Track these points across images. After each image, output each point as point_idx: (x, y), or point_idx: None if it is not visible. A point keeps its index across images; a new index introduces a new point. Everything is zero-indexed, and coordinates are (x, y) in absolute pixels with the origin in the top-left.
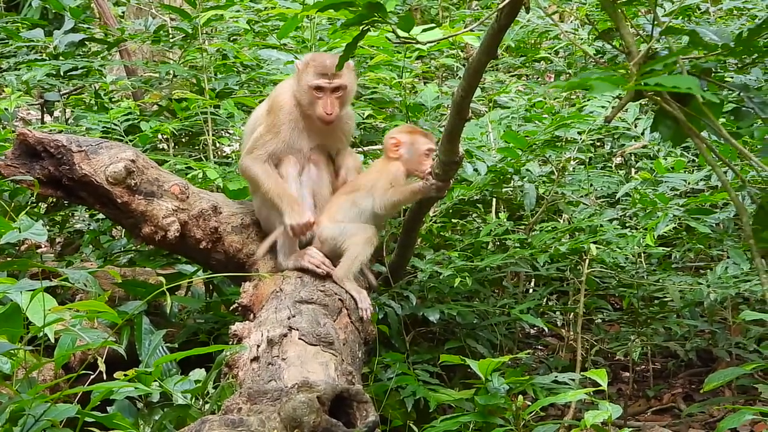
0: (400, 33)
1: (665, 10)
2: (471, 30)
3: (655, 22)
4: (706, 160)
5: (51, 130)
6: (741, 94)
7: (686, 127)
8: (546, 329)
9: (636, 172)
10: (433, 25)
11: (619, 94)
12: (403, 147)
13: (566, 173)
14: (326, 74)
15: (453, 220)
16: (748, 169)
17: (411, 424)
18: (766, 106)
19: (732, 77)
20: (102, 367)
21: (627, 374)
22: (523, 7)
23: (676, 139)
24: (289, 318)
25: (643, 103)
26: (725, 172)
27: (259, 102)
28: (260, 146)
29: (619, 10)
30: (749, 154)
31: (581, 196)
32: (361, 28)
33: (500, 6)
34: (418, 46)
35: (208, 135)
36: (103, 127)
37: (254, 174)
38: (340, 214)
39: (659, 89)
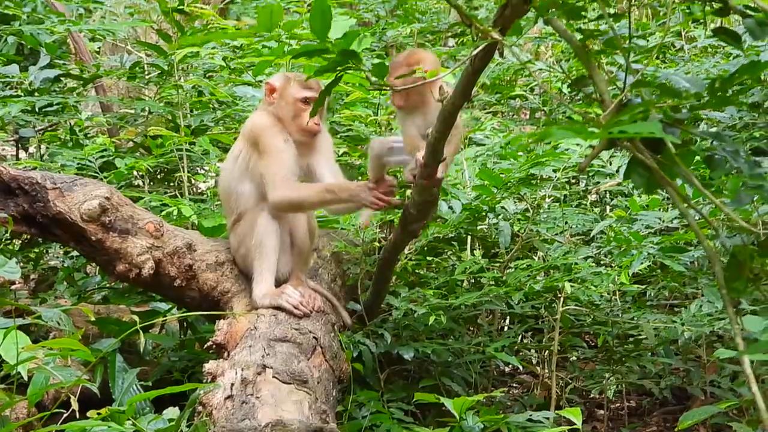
0: (374, 79)
1: (646, 44)
2: (446, 67)
3: (629, 70)
4: (680, 208)
5: (26, 167)
6: (713, 142)
7: (659, 176)
8: (521, 367)
9: (611, 210)
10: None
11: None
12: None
13: (541, 211)
14: (311, 87)
15: (428, 258)
16: (718, 211)
17: None
18: (739, 154)
19: (706, 115)
20: (75, 405)
21: (602, 412)
22: (497, 50)
23: (649, 187)
24: (263, 356)
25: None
26: (698, 220)
27: (236, 139)
28: (279, 173)
29: (593, 58)
30: (721, 205)
31: (556, 234)
32: (335, 74)
33: (473, 53)
34: (394, 89)
35: (184, 172)
36: (78, 164)
37: (297, 197)
38: None
39: (622, 136)
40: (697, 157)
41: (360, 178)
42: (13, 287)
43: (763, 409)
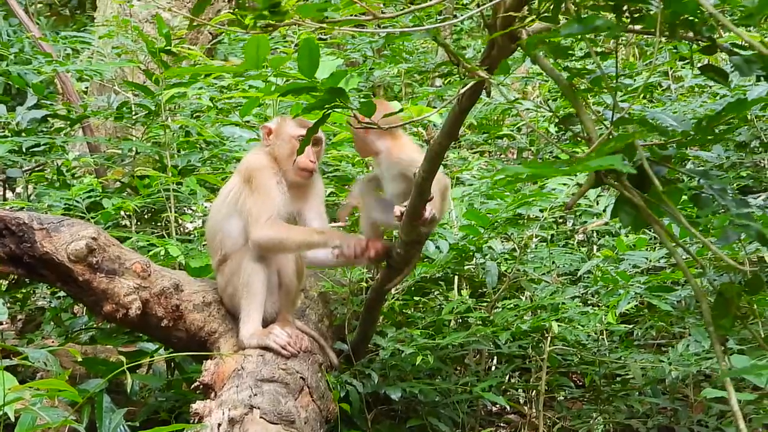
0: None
1: (633, 83)
2: (433, 107)
3: (615, 109)
4: (667, 246)
5: (12, 207)
6: (700, 180)
7: (646, 215)
8: (508, 407)
9: (598, 250)
10: (396, 102)
11: (582, 176)
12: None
13: (528, 251)
14: (307, 125)
15: (415, 298)
16: (706, 250)
17: None
18: (726, 192)
19: (693, 155)
20: None
21: None
22: (483, 90)
23: (637, 225)
24: (250, 397)
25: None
26: (685, 258)
27: (223, 179)
28: (265, 211)
29: (580, 97)
30: (708, 243)
31: (543, 274)
32: (322, 112)
33: (460, 92)
34: (381, 128)
35: (171, 212)
36: (65, 204)
37: (280, 237)
38: None
39: (591, 169)
40: (685, 196)
41: (346, 218)
42: (0, 328)
43: None
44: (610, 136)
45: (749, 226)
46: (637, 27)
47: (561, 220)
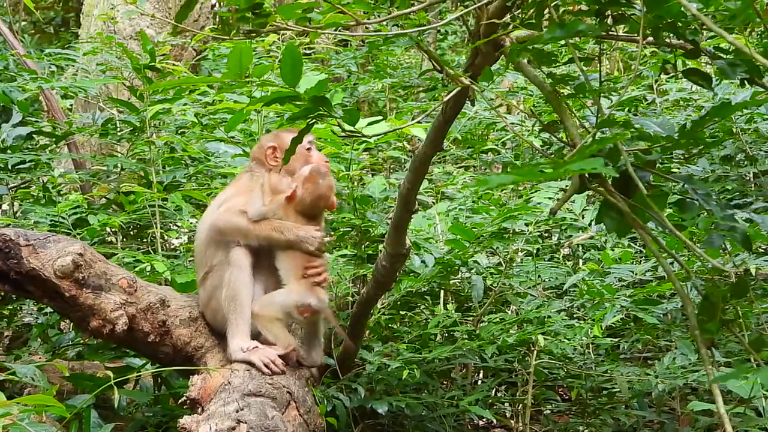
0: (346, 126)
1: (611, 101)
2: (417, 122)
3: (599, 115)
4: (652, 251)
5: None
6: (685, 185)
7: (631, 219)
8: (494, 421)
9: (583, 263)
10: (380, 117)
11: (566, 186)
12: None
13: (514, 265)
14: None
15: (401, 312)
16: (694, 260)
17: None
18: (710, 197)
19: (678, 168)
20: None
21: None
22: (468, 99)
23: (621, 230)
24: (237, 411)
25: (590, 194)
26: (671, 263)
27: (209, 195)
28: (234, 205)
29: (564, 103)
30: (694, 246)
31: (529, 288)
32: (307, 122)
33: (445, 99)
34: (365, 138)
35: (156, 228)
36: (51, 221)
37: (244, 226)
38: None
39: (574, 172)
40: (669, 210)
41: (332, 233)
42: None
43: None
44: (594, 139)
45: (735, 228)
46: (621, 33)
47: (546, 234)
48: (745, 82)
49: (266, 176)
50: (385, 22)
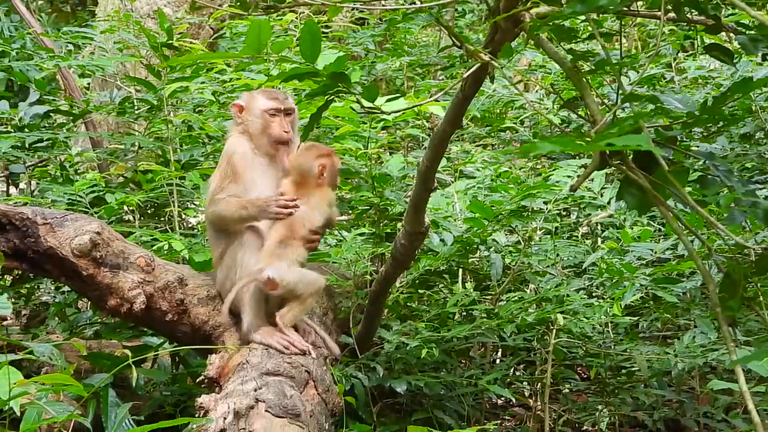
0: (365, 103)
1: (630, 80)
2: (436, 100)
3: (620, 91)
4: (673, 228)
5: (16, 203)
6: (707, 162)
7: (652, 196)
8: (513, 399)
9: (602, 242)
10: (398, 95)
11: (585, 164)
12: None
13: (532, 243)
14: (277, 98)
15: (419, 291)
16: (715, 238)
17: None
18: (732, 174)
19: (698, 146)
20: None
21: None
22: (487, 76)
23: (642, 207)
24: (255, 390)
25: (609, 172)
26: (692, 241)
27: None
28: (219, 193)
29: (584, 79)
30: (715, 222)
31: (548, 266)
32: (325, 98)
33: (465, 76)
34: (383, 116)
35: (174, 206)
36: (69, 200)
37: (219, 213)
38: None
39: (610, 149)
40: (689, 188)
41: (350, 212)
42: (4, 323)
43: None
44: (616, 116)
45: (757, 204)
46: (642, 9)
47: (565, 213)
48: (766, 58)
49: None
50: None
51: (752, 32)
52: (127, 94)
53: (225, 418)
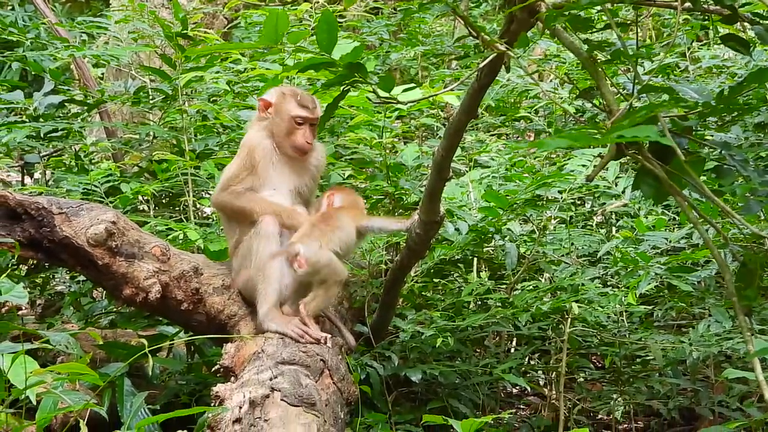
0: (381, 93)
1: (645, 69)
2: (451, 90)
3: (636, 80)
4: (688, 217)
5: (31, 192)
6: (722, 151)
7: (668, 185)
8: (528, 388)
9: (617, 231)
10: (413, 84)
11: (600, 153)
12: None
13: (547, 232)
14: (308, 106)
15: (434, 280)
16: (730, 227)
17: None
18: (747, 163)
19: (712, 135)
20: (84, 429)
21: None
22: (503, 66)
23: (658, 197)
24: (271, 379)
25: (624, 161)
26: (707, 230)
27: None
28: (236, 183)
29: (600, 69)
30: (731, 211)
31: (562, 255)
32: (341, 88)
33: (480, 65)
34: (398, 105)
35: (189, 196)
36: (84, 189)
37: (238, 205)
38: (333, 243)
39: (621, 140)
40: (704, 177)
41: (365, 201)
42: (20, 312)
43: None
44: (632, 107)
45: None
46: None
47: (579, 202)
48: None
49: None
50: None
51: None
52: (141, 83)
53: (241, 407)
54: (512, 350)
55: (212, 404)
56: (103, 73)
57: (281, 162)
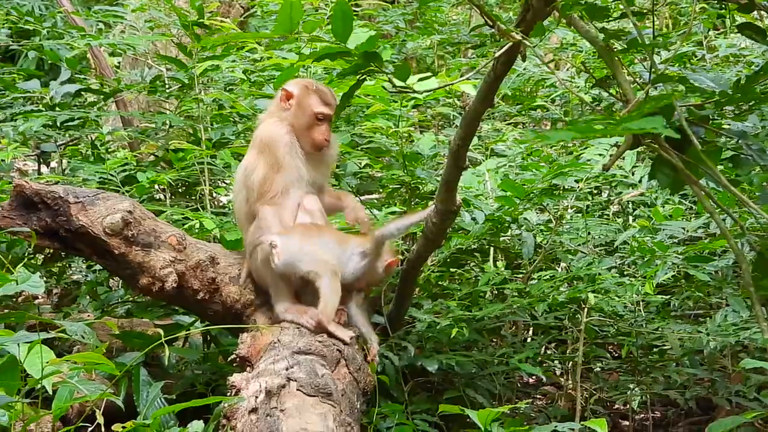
0: (396, 82)
1: (661, 58)
2: (467, 79)
3: (652, 69)
4: (705, 207)
5: (48, 182)
6: (739, 141)
7: (684, 175)
8: (545, 378)
9: (634, 220)
10: (429, 74)
11: (617, 143)
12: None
13: (564, 222)
14: (330, 104)
15: (451, 270)
16: (747, 216)
17: None
18: (764, 153)
19: (729, 124)
20: (100, 419)
21: (626, 423)
22: (519, 55)
23: (675, 186)
24: (287, 369)
25: (641, 151)
26: (724, 220)
27: None
28: (270, 188)
29: (616, 58)
30: (748, 200)
31: (579, 245)
32: (357, 77)
33: (496, 55)
34: (414, 95)
35: (205, 185)
36: (100, 178)
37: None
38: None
39: (626, 133)
40: (721, 166)
41: (381, 190)
42: (36, 302)
43: None
44: (647, 96)
45: None
46: None
47: (596, 191)
48: None
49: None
50: None
51: None
52: (157, 72)
53: (257, 397)
54: (529, 340)
55: (228, 394)
56: (119, 62)
57: (302, 154)
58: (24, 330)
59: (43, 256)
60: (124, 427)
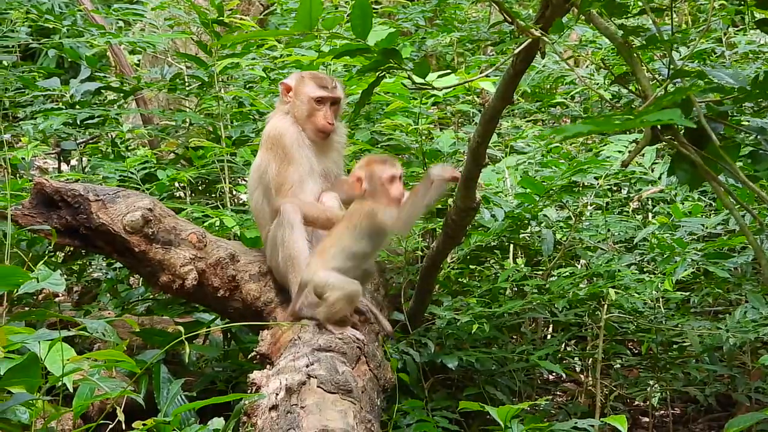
0: (416, 79)
1: (680, 55)
2: (486, 76)
3: (671, 66)
4: (724, 203)
5: (68, 179)
6: (758, 136)
7: (703, 171)
8: (564, 375)
9: (653, 217)
10: (449, 71)
11: (636, 139)
12: (365, 181)
13: (583, 218)
14: (326, 86)
15: (470, 267)
16: (766, 213)
17: None
18: None
19: (748, 121)
20: (121, 416)
21: (646, 420)
22: (538, 52)
23: (694, 182)
24: (307, 366)
25: (660, 147)
26: (743, 216)
27: None
28: (285, 181)
29: (635, 54)
30: (767, 197)
31: (599, 242)
32: (377, 74)
33: (515, 51)
34: (434, 92)
35: (225, 183)
36: (120, 176)
37: (310, 214)
38: (332, 262)
39: (644, 125)
40: (740, 162)
41: None
42: (57, 299)
43: None
44: (666, 90)
45: None
46: None
47: (616, 188)
48: None
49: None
50: None
51: None
52: (177, 70)
53: (277, 394)
54: (549, 337)
55: (248, 391)
56: (139, 60)
57: (309, 144)
58: (45, 328)
59: (63, 254)
60: (144, 425)
